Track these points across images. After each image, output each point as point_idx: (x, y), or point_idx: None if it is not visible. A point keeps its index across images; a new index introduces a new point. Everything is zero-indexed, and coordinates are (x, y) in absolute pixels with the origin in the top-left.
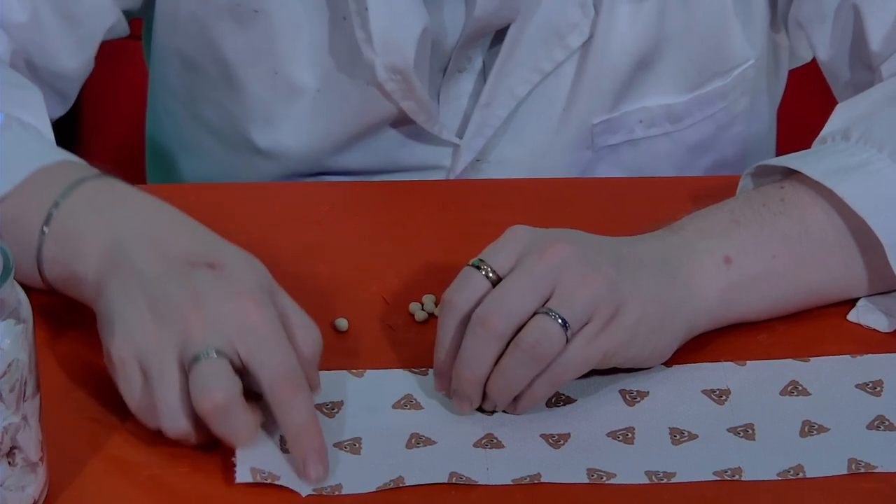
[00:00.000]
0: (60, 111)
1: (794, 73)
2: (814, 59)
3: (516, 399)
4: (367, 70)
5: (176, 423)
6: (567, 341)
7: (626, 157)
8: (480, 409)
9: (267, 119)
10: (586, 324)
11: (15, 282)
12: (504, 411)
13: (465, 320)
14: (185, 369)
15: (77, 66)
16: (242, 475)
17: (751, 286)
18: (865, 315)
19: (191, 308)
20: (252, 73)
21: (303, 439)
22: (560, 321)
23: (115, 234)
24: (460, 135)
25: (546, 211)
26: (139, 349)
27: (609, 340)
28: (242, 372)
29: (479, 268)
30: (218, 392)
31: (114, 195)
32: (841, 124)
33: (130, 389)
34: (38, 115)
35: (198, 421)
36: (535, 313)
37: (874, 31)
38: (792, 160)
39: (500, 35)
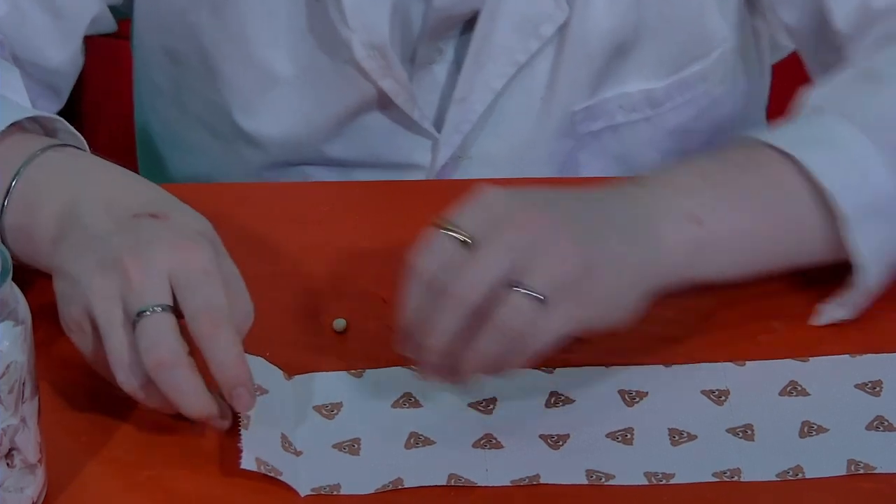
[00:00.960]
0: (55, 107)
1: (784, 68)
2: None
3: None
4: (344, 50)
5: (129, 378)
6: (540, 309)
7: (608, 144)
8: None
9: (248, 107)
10: (559, 292)
11: (14, 283)
12: None
13: (432, 286)
14: (132, 323)
15: (64, 59)
16: (248, 462)
17: (719, 245)
18: (826, 314)
19: (131, 259)
20: (230, 61)
21: (227, 372)
22: (532, 294)
23: (71, 198)
24: (438, 130)
25: None
26: (88, 304)
27: (582, 310)
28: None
29: (447, 230)
30: (163, 348)
31: (74, 163)
32: (811, 102)
33: (85, 344)
34: (17, 91)
35: (148, 378)
36: (507, 284)
37: (837, 8)
38: (756, 134)
39: (472, 26)
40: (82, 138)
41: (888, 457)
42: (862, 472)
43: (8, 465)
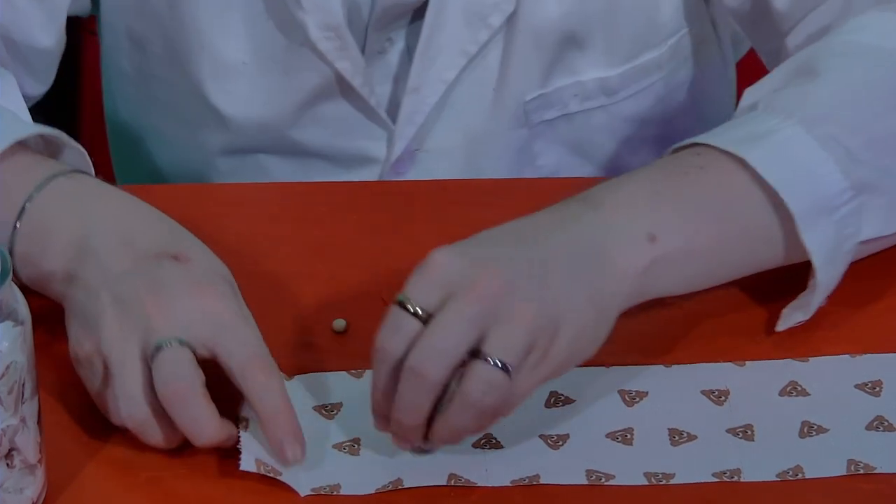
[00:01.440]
0: (43, 88)
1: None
2: None
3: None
4: (300, 32)
5: (135, 410)
6: (509, 378)
7: (563, 132)
8: (421, 450)
9: (207, 93)
10: (527, 354)
11: (13, 283)
12: None
13: (399, 365)
14: (149, 360)
15: (50, 40)
16: (247, 464)
17: (673, 261)
18: (787, 320)
19: (152, 298)
20: (189, 47)
21: (279, 422)
22: (500, 364)
23: (84, 231)
24: (393, 121)
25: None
26: (102, 344)
27: (551, 364)
28: (209, 363)
29: (406, 307)
30: (180, 380)
31: (86, 192)
32: (749, 101)
33: (92, 380)
34: (12, 99)
35: (158, 413)
36: (472, 352)
37: None
38: (701, 136)
39: (421, 15)
40: (85, 152)
41: (888, 457)
42: (862, 472)
43: (8, 465)
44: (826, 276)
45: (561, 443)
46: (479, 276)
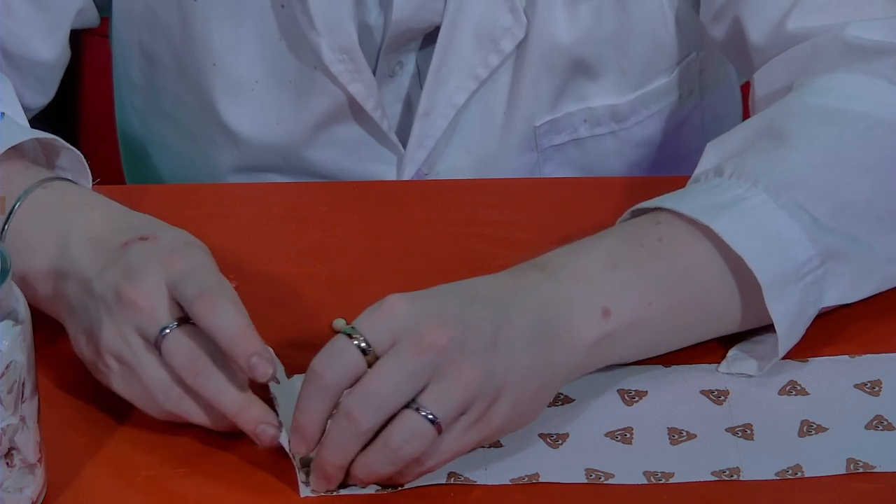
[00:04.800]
0: (43, 100)
1: None
2: None
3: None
4: (312, 55)
5: (169, 394)
6: (438, 434)
7: (572, 156)
8: (342, 485)
9: (217, 110)
10: (461, 414)
11: (13, 282)
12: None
13: (330, 393)
14: (157, 346)
15: (51, 52)
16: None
17: (625, 334)
18: (735, 364)
19: (128, 285)
20: (199, 63)
21: (237, 344)
22: (431, 418)
23: (61, 243)
24: (403, 145)
25: (548, 210)
26: (106, 345)
27: (483, 429)
28: None
29: (352, 337)
30: (193, 358)
31: (60, 202)
32: (713, 162)
33: (116, 381)
34: (9, 103)
35: (191, 391)
36: (407, 404)
37: (753, 25)
38: (665, 200)
39: (433, 39)
40: (81, 155)
41: (887, 456)
42: (861, 471)
43: (7, 464)
44: (787, 343)
45: (560, 442)
46: (429, 329)
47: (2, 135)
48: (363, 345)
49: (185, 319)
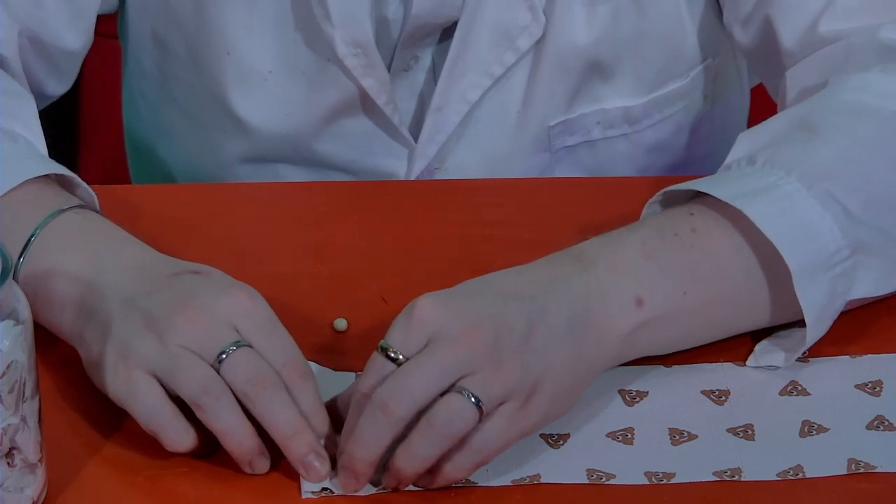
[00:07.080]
0: (63, 88)
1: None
2: None
3: (432, 473)
4: (326, 47)
5: (230, 419)
6: (480, 419)
7: (584, 158)
8: (375, 483)
9: (229, 99)
10: (501, 403)
11: (14, 282)
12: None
13: (401, 428)
14: (215, 368)
15: (77, 40)
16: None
17: (659, 325)
18: (763, 357)
19: (189, 307)
20: (212, 52)
21: (315, 422)
22: (473, 400)
23: (94, 267)
24: (415, 139)
25: (552, 210)
26: (151, 364)
27: (526, 421)
28: None
29: (388, 353)
30: (262, 372)
31: (89, 227)
32: (745, 151)
33: (146, 404)
34: (30, 126)
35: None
36: (444, 393)
37: (785, 28)
38: (699, 184)
39: (449, 35)
40: (93, 193)
41: (888, 456)
42: (862, 471)
43: (8, 464)
44: (815, 334)
45: (561, 442)
46: (464, 330)
47: (21, 165)
48: (400, 357)
49: (245, 343)
